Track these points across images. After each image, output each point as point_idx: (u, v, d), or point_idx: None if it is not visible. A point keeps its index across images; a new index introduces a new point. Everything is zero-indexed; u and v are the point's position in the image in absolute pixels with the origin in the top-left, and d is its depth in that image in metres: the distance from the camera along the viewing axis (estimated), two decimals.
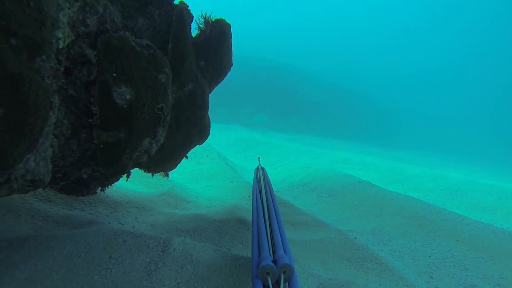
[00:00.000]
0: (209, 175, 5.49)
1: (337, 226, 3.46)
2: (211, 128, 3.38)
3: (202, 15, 3.10)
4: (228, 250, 2.23)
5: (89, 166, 1.90)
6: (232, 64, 3.39)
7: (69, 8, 1.25)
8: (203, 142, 3.26)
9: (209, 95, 3.25)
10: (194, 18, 2.95)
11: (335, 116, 20.99)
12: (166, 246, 1.66)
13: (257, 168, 2.81)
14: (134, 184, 3.81)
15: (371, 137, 19.67)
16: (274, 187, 5.64)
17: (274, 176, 6.38)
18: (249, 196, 4.41)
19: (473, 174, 10.02)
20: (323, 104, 21.19)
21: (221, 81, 3.42)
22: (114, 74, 1.73)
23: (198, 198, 3.85)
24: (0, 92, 0.85)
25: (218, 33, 3.08)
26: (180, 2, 2.90)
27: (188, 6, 2.98)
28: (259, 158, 5.14)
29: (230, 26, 3.21)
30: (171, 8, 2.68)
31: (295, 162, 7.23)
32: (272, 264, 0.93)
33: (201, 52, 3.03)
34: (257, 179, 2.52)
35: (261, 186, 2.17)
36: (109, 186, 2.57)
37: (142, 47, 1.96)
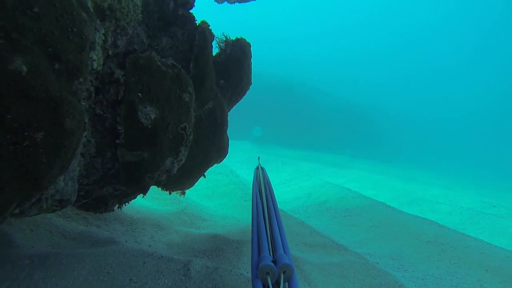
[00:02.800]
0: (222, 193, 5.45)
1: (355, 249, 3.36)
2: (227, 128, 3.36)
3: (224, 35, 3.15)
4: (247, 273, 2.16)
5: (111, 185, 1.89)
6: (251, 83, 3.41)
7: (104, 31, 1.28)
8: (221, 161, 3.25)
9: (228, 113, 3.26)
10: (215, 37, 3.01)
11: (347, 134, 20.75)
12: (188, 270, 1.62)
13: (257, 168, 2.77)
14: (149, 200, 3.79)
15: (383, 155, 19.27)
16: (287, 206, 5.57)
17: (287, 195, 6.29)
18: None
19: (493, 196, 9.72)
20: (335, 121, 21.00)
21: (240, 99, 3.43)
22: (139, 94, 1.75)
23: (213, 217, 3.81)
24: (42, 116, 0.86)
25: (238, 52, 3.11)
26: (202, 22, 2.96)
27: (209, 26, 3.03)
28: (258, 158, 5.03)
29: (250, 46, 3.25)
30: (194, 28, 2.73)
31: (308, 181, 7.14)
32: (271, 264, 0.93)
33: (221, 71, 3.07)
34: (256, 179, 2.49)
35: (261, 186, 2.15)
36: (126, 204, 2.57)
37: (167, 66, 1.99)
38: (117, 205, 2.47)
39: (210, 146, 2.94)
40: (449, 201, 7.07)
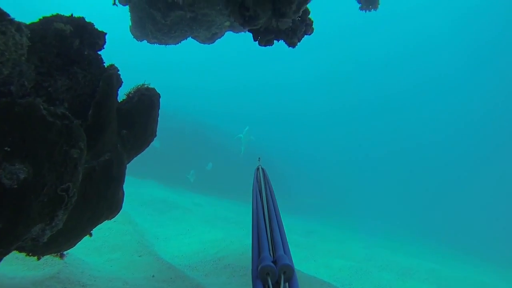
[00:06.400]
0: (114, 245, 4.82)
1: None
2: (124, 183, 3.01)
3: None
4: None
5: None
6: (156, 135, 3.21)
7: None
8: (113, 217, 2.87)
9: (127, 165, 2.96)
10: (122, 83, 2.79)
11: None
12: None
13: (257, 169, 2.69)
14: (7, 262, 3.03)
15: (288, 206, 19.86)
16: (186, 261, 5.24)
17: (187, 248, 5.96)
18: (153, 276, 3.96)
19: (375, 248, 11.00)
20: (247, 168, 21.12)
21: (143, 151, 3.18)
22: (7, 148, 1.42)
23: (96, 280, 3.26)
24: None
25: (146, 103, 2.93)
26: (111, 66, 2.74)
27: (118, 71, 2.82)
28: (259, 158, 4.81)
29: (160, 96, 3.11)
30: (100, 72, 2.49)
31: (210, 233, 6.94)
32: (272, 264, 0.93)
33: (125, 120, 2.82)
34: (257, 179, 2.43)
35: (261, 186, 2.10)
36: None
37: (55, 116, 1.70)
38: None
39: (101, 202, 2.58)
40: (341, 256, 7.68)
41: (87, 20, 2.65)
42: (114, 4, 4.38)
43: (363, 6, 4.92)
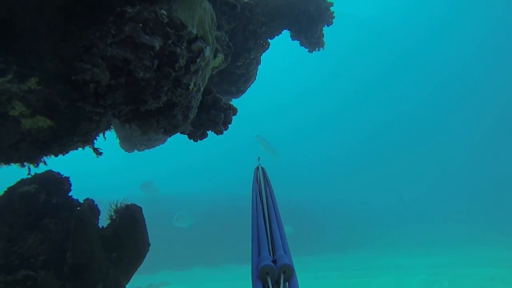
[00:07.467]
0: None
1: None
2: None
3: (112, 204, 3.13)
4: None
5: None
6: (149, 244, 3.28)
7: None
8: None
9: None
10: (100, 212, 2.96)
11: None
12: None
13: (257, 168, 2.62)
14: None
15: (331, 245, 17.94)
16: None
17: None
18: None
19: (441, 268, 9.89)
20: None
21: (141, 263, 3.23)
22: None
23: None
24: None
25: (127, 221, 3.05)
26: (85, 201, 2.94)
27: (93, 201, 3.01)
28: (259, 158, 4.58)
29: (141, 209, 3.24)
30: (71, 214, 2.67)
31: None
32: (272, 264, 0.93)
33: (112, 243, 2.93)
34: (256, 179, 2.36)
35: (261, 186, 2.04)
36: None
37: (11, 284, 1.81)
38: None
39: None
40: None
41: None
42: None
43: (310, 49, 5.18)
